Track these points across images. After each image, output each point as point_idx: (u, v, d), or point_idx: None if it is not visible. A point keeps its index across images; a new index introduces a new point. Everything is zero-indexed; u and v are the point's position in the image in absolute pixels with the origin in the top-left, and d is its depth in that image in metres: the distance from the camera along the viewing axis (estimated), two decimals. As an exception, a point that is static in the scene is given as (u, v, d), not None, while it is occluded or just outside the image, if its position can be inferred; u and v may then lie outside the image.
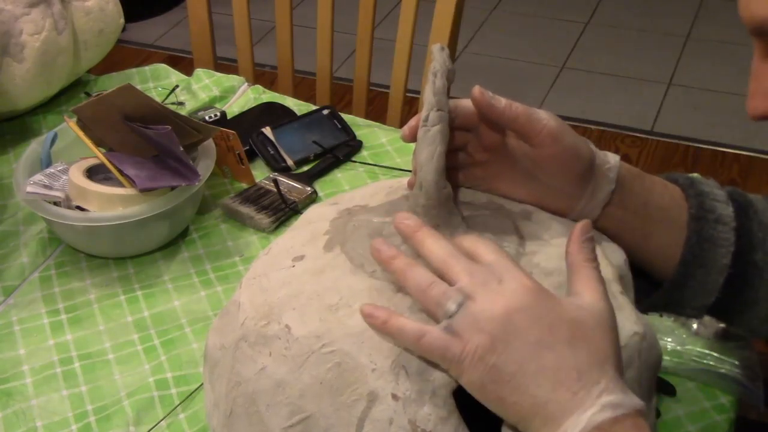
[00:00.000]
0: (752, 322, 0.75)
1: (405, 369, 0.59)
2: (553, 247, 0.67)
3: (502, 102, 0.66)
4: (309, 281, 0.65)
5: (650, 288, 0.74)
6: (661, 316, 0.92)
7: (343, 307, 0.62)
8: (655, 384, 0.66)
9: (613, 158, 0.70)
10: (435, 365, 0.59)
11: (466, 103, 0.69)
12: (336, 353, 0.60)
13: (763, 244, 0.73)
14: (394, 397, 0.59)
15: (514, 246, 0.67)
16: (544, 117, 0.67)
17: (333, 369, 0.60)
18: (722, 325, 0.92)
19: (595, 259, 0.62)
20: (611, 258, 0.68)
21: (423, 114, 0.65)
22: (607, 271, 0.66)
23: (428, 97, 0.66)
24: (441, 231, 0.65)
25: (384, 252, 0.63)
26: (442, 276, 0.61)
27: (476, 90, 0.67)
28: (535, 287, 0.59)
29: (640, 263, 0.73)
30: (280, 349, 0.62)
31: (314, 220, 0.72)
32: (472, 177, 0.73)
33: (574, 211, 0.70)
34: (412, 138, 0.68)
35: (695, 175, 0.76)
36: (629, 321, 0.63)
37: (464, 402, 0.60)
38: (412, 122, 0.68)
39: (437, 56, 0.67)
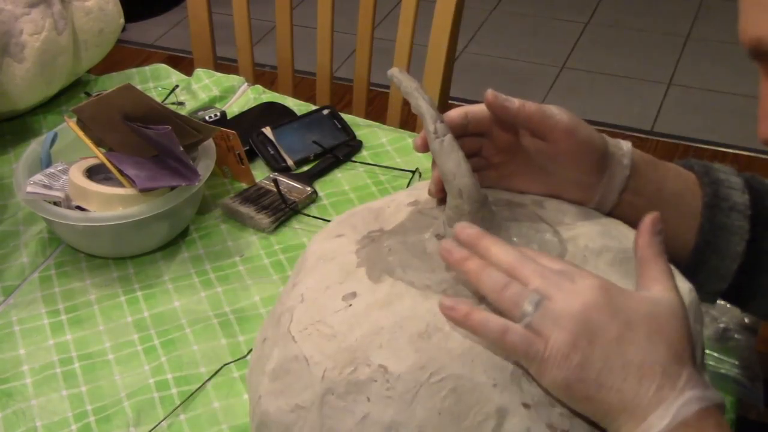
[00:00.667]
0: (766, 307, 0.76)
1: (524, 376, 0.58)
2: (585, 228, 0.68)
3: (515, 103, 0.67)
4: (381, 316, 0.62)
5: None
6: None
7: (434, 332, 0.60)
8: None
9: (625, 145, 0.71)
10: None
11: (477, 109, 0.70)
12: (447, 379, 0.58)
13: None
14: (525, 405, 0.58)
15: (551, 234, 0.67)
16: (557, 113, 0.67)
17: (449, 396, 0.58)
18: (722, 325, 0.92)
19: (664, 252, 0.62)
20: None
21: (430, 127, 0.65)
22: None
23: (426, 110, 0.66)
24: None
25: (455, 254, 0.62)
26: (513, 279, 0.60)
27: (490, 93, 0.67)
28: (608, 284, 0.59)
29: None
30: (380, 390, 0.59)
31: (330, 256, 0.69)
32: (488, 179, 0.73)
33: (592, 200, 0.71)
34: (425, 149, 0.68)
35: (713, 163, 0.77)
36: (681, 279, 0.65)
37: None
38: (422, 134, 0.69)
39: (404, 77, 0.67)
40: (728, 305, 0.94)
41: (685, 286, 0.65)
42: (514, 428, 0.57)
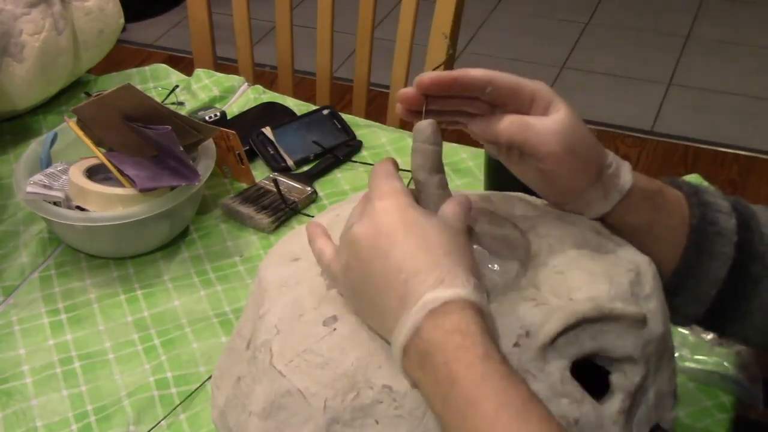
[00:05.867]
0: (745, 331, 0.74)
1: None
2: (540, 217, 0.68)
3: (500, 125, 0.64)
4: (371, 336, 0.61)
5: None
6: None
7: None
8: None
9: (624, 181, 0.67)
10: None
11: (501, 82, 0.65)
12: None
13: (762, 257, 0.72)
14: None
15: (511, 228, 0.68)
16: (549, 138, 0.64)
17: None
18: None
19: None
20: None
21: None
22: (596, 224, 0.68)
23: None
24: None
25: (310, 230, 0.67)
26: None
27: (472, 129, 0.66)
28: (393, 203, 0.60)
29: None
30: (389, 411, 0.58)
31: (292, 282, 0.68)
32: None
33: (563, 206, 0.69)
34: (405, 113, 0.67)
35: (702, 182, 0.75)
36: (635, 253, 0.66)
37: None
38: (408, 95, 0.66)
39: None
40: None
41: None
42: None
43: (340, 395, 0.59)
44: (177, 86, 1.34)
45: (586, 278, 0.63)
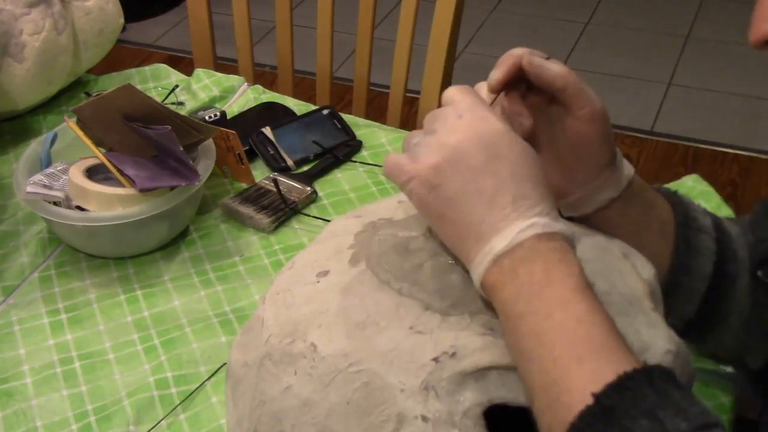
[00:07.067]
0: (724, 336, 0.75)
1: (435, 389, 0.58)
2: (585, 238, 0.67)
3: (553, 70, 0.67)
4: (335, 298, 0.64)
5: None
6: None
7: (370, 325, 0.61)
8: None
9: (628, 170, 0.71)
10: (464, 385, 0.58)
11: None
12: (363, 373, 0.59)
13: (735, 255, 0.74)
14: (424, 418, 0.58)
15: None
16: (594, 97, 0.67)
17: (360, 389, 0.59)
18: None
19: None
20: (642, 272, 0.67)
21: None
22: (638, 287, 0.65)
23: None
24: None
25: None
26: None
27: (525, 62, 0.68)
28: (493, 121, 0.61)
29: None
30: (306, 367, 0.61)
31: (338, 233, 0.71)
32: None
33: (569, 196, 0.70)
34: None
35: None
36: (662, 339, 0.62)
37: (497, 422, 0.59)
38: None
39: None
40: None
41: (669, 346, 0.63)
42: None
43: (281, 336, 0.64)
44: (177, 86, 1.34)
45: None
